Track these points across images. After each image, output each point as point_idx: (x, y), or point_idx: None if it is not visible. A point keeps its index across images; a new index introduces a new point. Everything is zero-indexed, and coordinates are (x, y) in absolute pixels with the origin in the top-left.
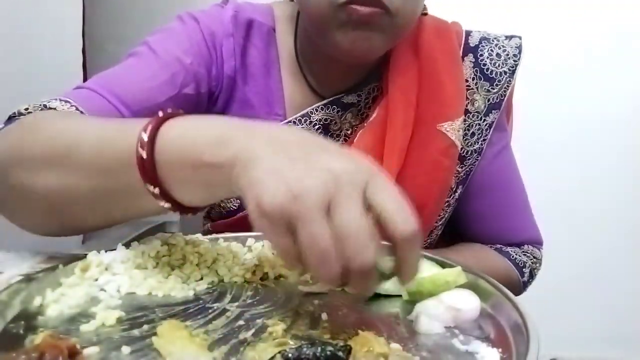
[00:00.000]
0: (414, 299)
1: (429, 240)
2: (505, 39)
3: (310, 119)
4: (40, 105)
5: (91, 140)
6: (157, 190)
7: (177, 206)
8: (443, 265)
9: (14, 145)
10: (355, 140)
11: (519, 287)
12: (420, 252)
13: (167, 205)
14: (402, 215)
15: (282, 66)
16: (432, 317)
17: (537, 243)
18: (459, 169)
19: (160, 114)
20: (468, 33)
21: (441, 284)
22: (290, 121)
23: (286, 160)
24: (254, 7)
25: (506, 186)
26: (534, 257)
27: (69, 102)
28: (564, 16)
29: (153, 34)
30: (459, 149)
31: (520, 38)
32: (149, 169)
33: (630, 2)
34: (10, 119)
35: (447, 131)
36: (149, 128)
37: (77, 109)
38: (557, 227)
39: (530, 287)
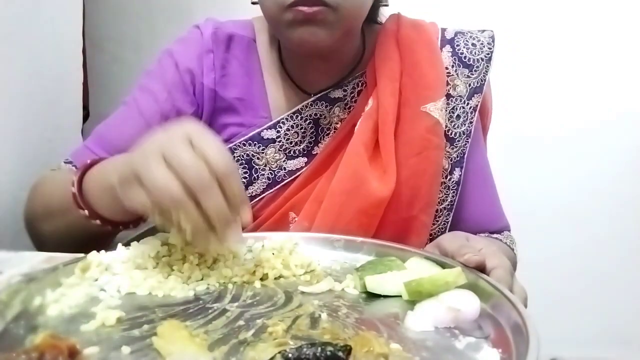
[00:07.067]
0: (414, 299)
1: (436, 228)
2: (479, 32)
3: (301, 114)
4: (53, 169)
5: (58, 191)
6: (86, 212)
7: (107, 222)
8: (443, 265)
9: (29, 205)
10: (355, 131)
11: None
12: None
13: (97, 222)
14: (218, 156)
15: (265, 72)
16: (424, 315)
17: (509, 229)
18: (450, 150)
19: (87, 162)
20: (444, 29)
21: (441, 284)
22: (282, 119)
23: (133, 151)
24: (234, 23)
25: (484, 175)
26: (513, 242)
27: (71, 162)
28: (563, 18)
29: (139, 80)
30: (444, 126)
31: (492, 31)
32: (79, 199)
33: None
34: None
35: (431, 111)
36: (78, 173)
37: (76, 168)
38: (558, 227)
39: (530, 287)
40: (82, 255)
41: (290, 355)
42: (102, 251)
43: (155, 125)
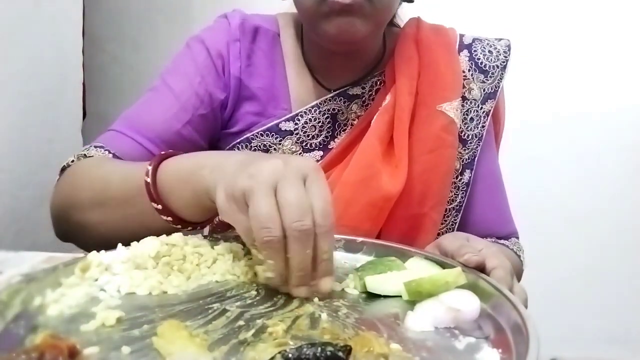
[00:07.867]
0: (414, 299)
1: (444, 228)
2: (496, 40)
3: (319, 109)
4: (82, 154)
5: (117, 179)
6: (160, 207)
7: (179, 220)
8: (443, 265)
9: (67, 193)
10: (372, 123)
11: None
12: (331, 249)
13: (169, 219)
14: (326, 208)
15: (287, 66)
16: (424, 315)
17: (517, 235)
18: (462, 151)
19: (162, 153)
20: (462, 35)
21: (441, 285)
22: (300, 112)
23: (244, 163)
24: (260, 17)
25: (494, 179)
26: (520, 249)
27: (102, 147)
28: (562, 20)
29: (166, 66)
30: (458, 126)
31: (508, 40)
32: (152, 191)
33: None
34: (63, 169)
35: (447, 110)
36: (153, 163)
37: (109, 152)
38: (557, 227)
39: (530, 287)
40: (82, 255)
41: (290, 355)
42: (102, 251)
43: (190, 109)
